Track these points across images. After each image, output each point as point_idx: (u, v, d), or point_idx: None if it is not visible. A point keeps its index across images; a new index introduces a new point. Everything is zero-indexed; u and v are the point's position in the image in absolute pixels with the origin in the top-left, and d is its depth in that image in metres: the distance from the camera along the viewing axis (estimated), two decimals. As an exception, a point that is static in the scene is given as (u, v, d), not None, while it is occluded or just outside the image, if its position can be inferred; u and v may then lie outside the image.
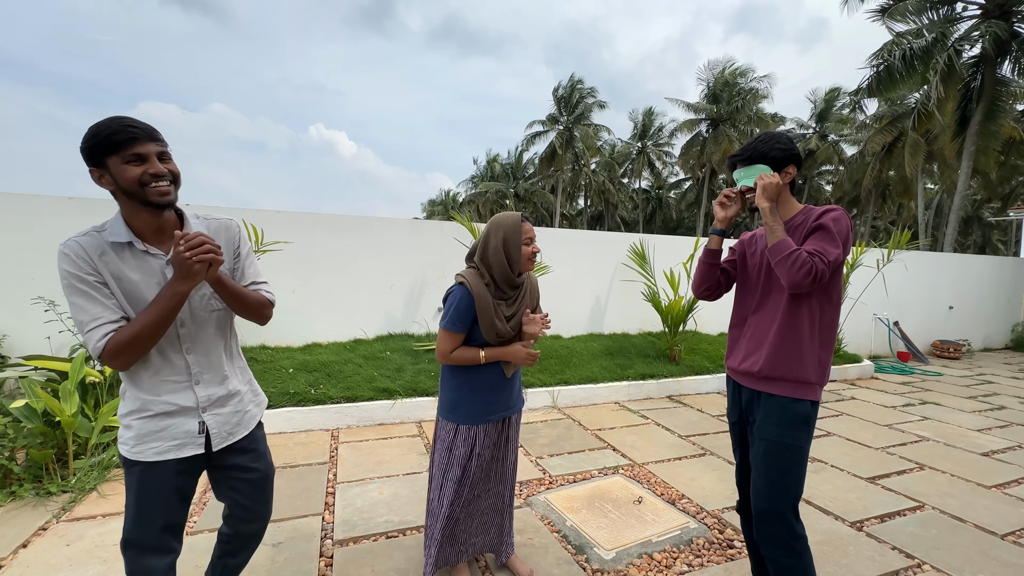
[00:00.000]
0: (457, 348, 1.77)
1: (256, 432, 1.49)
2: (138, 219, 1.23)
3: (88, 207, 3.96)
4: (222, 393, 1.37)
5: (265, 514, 1.53)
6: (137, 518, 1.28)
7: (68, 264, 1.16)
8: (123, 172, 1.15)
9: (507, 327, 1.78)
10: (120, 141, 1.14)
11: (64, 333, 3.61)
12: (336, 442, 3.50)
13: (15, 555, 2.10)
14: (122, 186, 1.17)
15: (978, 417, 4.71)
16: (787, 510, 1.55)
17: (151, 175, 1.17)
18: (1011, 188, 17.54)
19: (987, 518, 2.72)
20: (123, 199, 1.20)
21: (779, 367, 1.59)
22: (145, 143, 1.17)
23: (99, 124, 1.15)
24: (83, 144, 1.16)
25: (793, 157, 1.64)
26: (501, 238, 1.74)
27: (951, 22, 10.95)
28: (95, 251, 1.19)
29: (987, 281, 8.98)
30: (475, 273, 1.78)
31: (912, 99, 16.34)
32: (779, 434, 1.58)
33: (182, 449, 1.30)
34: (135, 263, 1.23)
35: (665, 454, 3.50)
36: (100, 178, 1.18)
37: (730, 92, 26.60)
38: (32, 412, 2.68)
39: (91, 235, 1.20)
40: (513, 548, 2.09)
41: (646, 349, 5.69)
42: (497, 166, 40.18)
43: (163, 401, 1.27)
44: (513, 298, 1.82)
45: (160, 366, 1.28)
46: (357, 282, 5.05)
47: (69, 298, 1.17)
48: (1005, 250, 28.20)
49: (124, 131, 1.14)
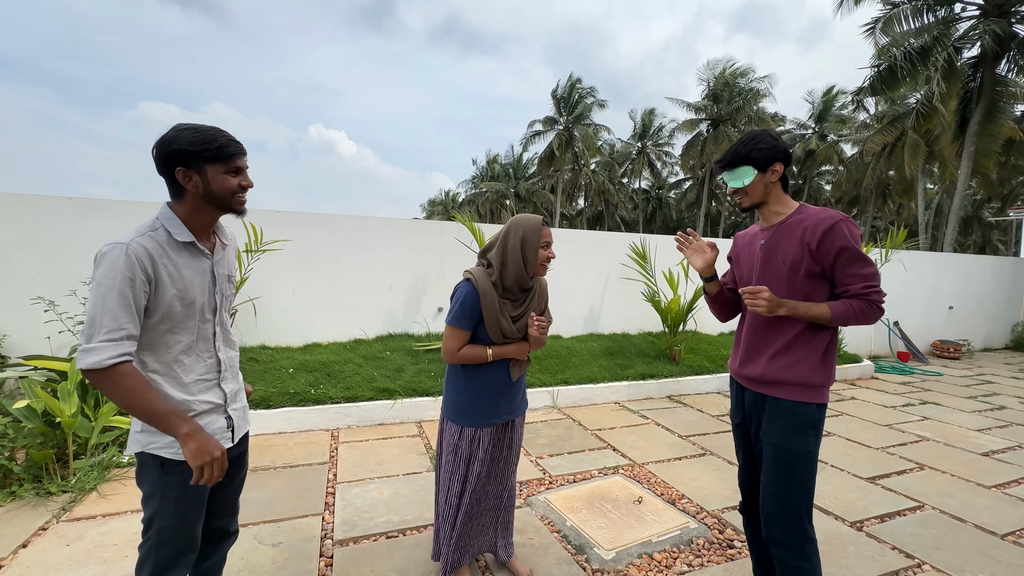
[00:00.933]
0: (464, 346, 1.76)
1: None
2: (199, 220, 1.28)
3: (88, 207, 3.96)
4: (237, 388, 1.45)
5: (238, 509, 1.59)
6: (178, 518, 1.29)
7: (127, 265, 1.14)
8: (223, 181, 1.24)
9: (513, 327, 1.78)
10: (230, 154, 1.24)
11: (64, 333, 3.61)
12: (336, 442, 3.50)
13: (15, 555, 2.10)
14: (214, 191, 1.24)
15: (978, 417, 4.71)
16: (801, 513, 1.54)
17: (243, 187, 1.28)
18: (1011, 188, 17.55)
19: (987, 518, 2.72)
20: (197, 201, 1.25)
21: (782, 371, 1.56)
22: (244, 158, 1.29)
23: (202, 132, 1.22)
24: (181, 146, 1.19)
25: (778, 154, 1.59)
26: (520, 238, 1.74)
27: (950, 22, 10.95)
28: (157, 254, 1.20)
29: (987, 281, 8.98)
30: (483, 270, 1.78)
31: (912, 100, 16.35)
32: (786, 439, 1.55)
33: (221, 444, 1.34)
34: (192, 262, 1.28)
35: (665, 454, 3.50)
36: (187, 179, 1.22)
37: (730, 92, 26.61)
38: (32, 412, 2.68)
39: (149, 236, 1.20)
40: (513, 549, 2.09)
41: (646, 349, 5.69)
42: (497, 166, 40.20)
43: (200, 400, 1.31)
44: (521, 300, 1.81)
45: (195, 365, 1.31)
46: (357, 282, 5.05)
47: (103, 295, 1.13)
48: (1005, 250, 28.21)
49: (233, 145, 1.25)
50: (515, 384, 1.88)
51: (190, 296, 1.26)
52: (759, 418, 1.66)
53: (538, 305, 1.89)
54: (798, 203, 1.65)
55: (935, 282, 8.35)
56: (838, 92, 26.23)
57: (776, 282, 1.59)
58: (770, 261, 1.62)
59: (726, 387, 5.38)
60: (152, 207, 4.16)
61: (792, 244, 1.56)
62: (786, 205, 1.65)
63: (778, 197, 1.65)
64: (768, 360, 1.59)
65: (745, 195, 1.64)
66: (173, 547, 1.30)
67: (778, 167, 1.60)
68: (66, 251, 3.87)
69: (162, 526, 1.29)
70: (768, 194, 1.63)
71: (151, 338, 1.23)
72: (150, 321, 1.21)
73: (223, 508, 1.51)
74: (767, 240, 1.64)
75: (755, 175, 1.59)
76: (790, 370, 1.55)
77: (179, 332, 1.26)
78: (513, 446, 1.96)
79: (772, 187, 1.63)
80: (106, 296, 1.13)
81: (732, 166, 1.63)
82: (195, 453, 1.17)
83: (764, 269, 1.64)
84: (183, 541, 1.31)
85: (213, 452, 1.18)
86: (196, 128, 1.23)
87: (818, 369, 1.54)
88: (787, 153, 1.61)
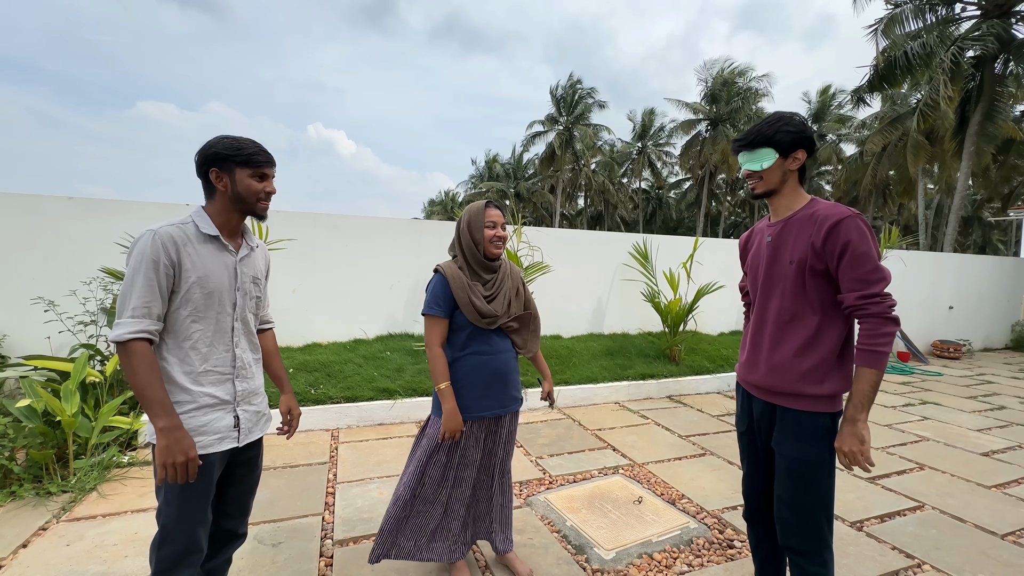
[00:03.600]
0: (443, 340, 1.82)
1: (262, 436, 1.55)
2: (226, 219, 1.40)
3: (88, 207, 3.96)
4: (252, 388, 1.46)
5: (249, 510, 1.59)
6: (178, 517, 1.30)
7: (152, 248, 1.25)
8: (249, 184, 1.37)
9: (488, 307, 1.82)
10: (260, 161, 1.37)
11: (64, 333, 3.61)
12: (336, 442, 3.50)
13: (15, 555, 2.09)
14: (240, 193, 1.37)
15: (978, 417, 4.71)
16: (820, 521, 1.48)
17: (267, 193, 1.41)
18: (1011, 188, 17.54)
19: (987, 518, 2.72)
20: (225, 201, 1.38)
21: (792, 381, 1.46)
22: (272, 168, 1.43)
23: (239, 140, 1.36)
24: (219, 149, 1.34)
25: (804, 140, 1.47)
26: (466, 221, 1.85)
27: (950, 23, 10.95)
28: (182, 242, 1.30)
29: (987, 281, 8.98)
30: (450, 261, 1.89)
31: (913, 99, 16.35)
32: (799, 450, 1.46)
33: (223, 443, 1.36)
34: (215, 255, 1.37)
35: (665, 454, 3.50)
36: (219, 180, 1.35)
37: (729, 92, 26.62)
38: (32, 412, 2.68)
39: (178, 227, 1.31)
40: (512, 544, 2.09)
41: (646, 349, 5.69)
42: (497, 166, 40.20)
43: (206, 393, 1.34)
44: (491, 281, 1.88)
45: (210, 355, 1.35)
46: (357, 282, 5.05)
47: (132, 276, 1.24)
48: (1005, 250, 28.21)
49: (263, 154, 1.39)
50: (503, 379, 1.88)
51: (210, 285, 1.33)
52: (768, 427, 1.57)
53: (512, 286, 1.93)
54: (810, 197, 1.53)
55: (935, 282, 8.35)
56: (836, 92, 26.24)
57: (784, 282, 1.50)
58: (777, 260, 1.52)
59: (726, 387, 5.38)
60: (152, 207, 4.16)
61: (800, 242, 1.46)
62: (799, 198, 1.53)
63: (793, 188, 1.53)
64: (776, 367, 1.50)
65: (760, 180, 1.52)
66: (175, 546, 1.29)
67: (800, 154, 1.49)
68: (66, 251, 3.87)
69: (165, 523, 1.30)
70: (784, 183, 1.52)
71: (172, 321, 1.30)
72: (172, 305, 1.30)
73: (232, 508, 1.51)
74: (774, 237, 1.54)
75: (775, 159, 1.48)
76: (800, 380, 1.45)
77: (199, 320, 1.33)
78: (502, 442, 1.96)
79: (790, 176, 1.51)
80: (134, 276, 1.24)
81: (753, 146, 1.51)
82: (162, 450, 1.20)
83: (771, 268, 1.54)
84: (184, 541, 1.30)
85: (178, 456, 1.21)
86: (235, 137, 1.37)
87: (831, 376, 1.44)
88: (812, 140, 1.50)
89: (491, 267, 1.88)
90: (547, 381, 2.10)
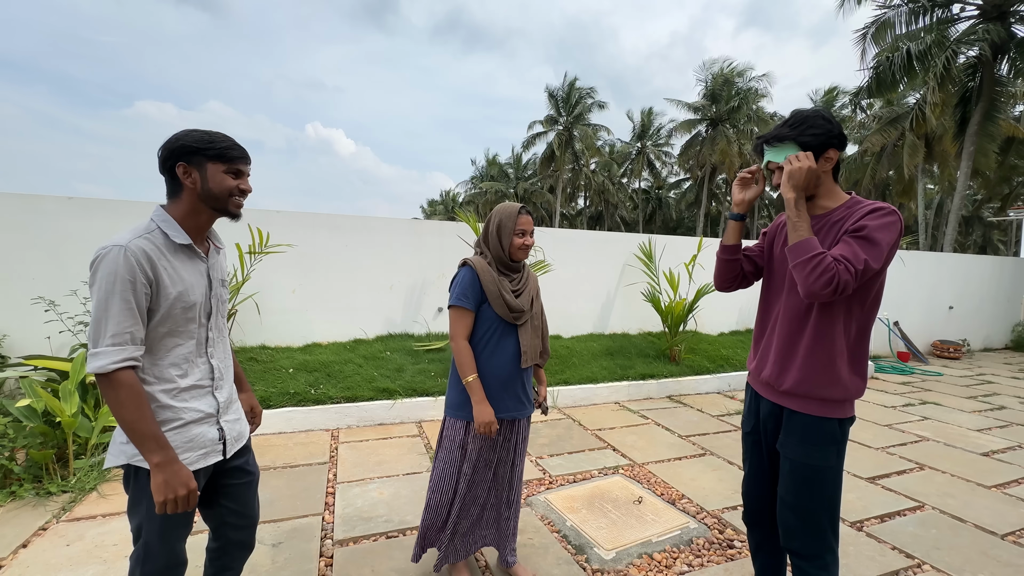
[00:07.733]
0: (468, 334, 1.81)
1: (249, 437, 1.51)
2: (194, 221, 1.28)
3: (88, 207, 3.96)
4: (230, 397, 1.40)
5: (256, 518, 1.52)
6: (161, 533, 1.24)
7: (126, 267, 1.12)
8: (221, 180, 1.26)
9: (516, 301, 1.83)
10: (234, 156, 1.27)
11: (64, 333, 3.61)
12: (336, 442, 3.50)
13: (15, 555, 2.09)
14: (211, 190, 1.25)
15: (978, 417, 4.71)
16: (823, 525, 1.45)
17: (241, 190, 1.30)
18: (1011, 188, 17.54)
19: (987, 518, 2.72)
20: (194, 199, 1.25)
21: (804, 383, 1.42)
22: (247, 164, 1.32)
23: (210, 133, 1.26)
24: (187, 142, 1.22)
25: (833, 139, 1.38)
26: (497, 223, 1.86)
27: (948, 23, 10.94)
28: (156, 255, 1.18)
29: (987, 281, 8.98)
30: (478, 255, 1.90)
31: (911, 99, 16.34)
32: (805, 454, 1.43)
33: (207, 457, 1.29)
34: (189, 264, 1.27)
35: (665, 454, 3.50)
36: (187, 175, 1.23)
37: (728, 91, 26.61)
38: (32, 412, 2.68)
39: (146, 238, 1.19)
40: (516, 557, 2.07)
41: (646, 349, 5.69)
42: (497, 166, 40.22)
43: (191, 408, 1.26)
44: (517, 278, 1.90)
45: (190, 371, 1.27)
46: (357, 282, 5.05)
47: (106, 300, 1.12)
48: (1005, 250, 28.19)
49: (238, 148, 1.29)
50: (517, 382, 1.88)
51: (190, 299, 1.24)
52: (775, 428, 1.54)
53: (534, 289, 1.96)
54: (849, 195, 1.41)
55: (935, 282, 8.35)
56: (838, 92, 26.22)
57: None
58: None
59: (726, 387, 5.38)
60: (152, 207, 4.16)
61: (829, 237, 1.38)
62: (836, 197, 1.43)
63: (829, 188, 1.43)
64: (786, 368, 1.46)
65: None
66: (157, 562, 1.25)
67: (832, 154, 1.39)
68: (66, 251, 3.86)
69: (148, 539, 1.25)
70: (818, 185, 1.41)
71: (150, 341, 1.20)
72: (150, 324, 1.19)
73: (237, 520, 1.44)
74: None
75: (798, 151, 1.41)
76: (814, 383, 1.40)
77: (177, 335, 1.24)
78: (517, 449, 1.96)
79: (824, 178, 1.41)
80: (107, 300, 1.12)
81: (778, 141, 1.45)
82: (159, 487, 1.14)
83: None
84: (167, 556, 1.26)
85: (178, 490, 1.14)
86: (205, 130, 1.26)
87: (842, 380, 1.39)
88: (843, 137, 1.40)
89: (516, 267, 1.92)
90: (542, 386, 2.09)
